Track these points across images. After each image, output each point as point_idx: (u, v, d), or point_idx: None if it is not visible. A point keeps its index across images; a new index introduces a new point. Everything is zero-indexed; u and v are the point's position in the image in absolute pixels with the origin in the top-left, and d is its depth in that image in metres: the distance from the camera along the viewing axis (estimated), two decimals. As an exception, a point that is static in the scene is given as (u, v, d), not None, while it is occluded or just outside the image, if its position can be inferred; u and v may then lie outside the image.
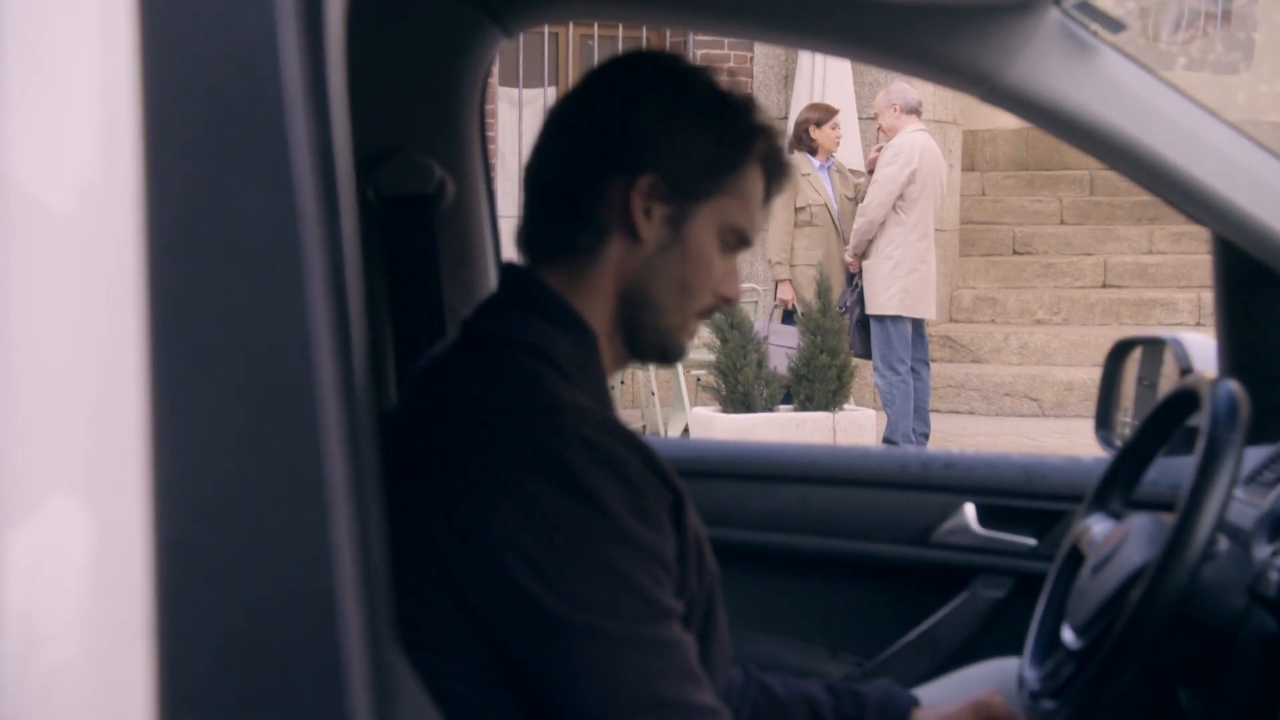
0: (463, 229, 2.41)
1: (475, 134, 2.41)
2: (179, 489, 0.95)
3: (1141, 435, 2.19)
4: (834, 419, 8.90)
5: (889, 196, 8.98)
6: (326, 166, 1.00)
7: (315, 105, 1.00)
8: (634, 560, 1.65)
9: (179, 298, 0.95)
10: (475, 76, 2.38)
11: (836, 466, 2.79)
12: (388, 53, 2.33)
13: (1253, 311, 2.43)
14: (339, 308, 0.99)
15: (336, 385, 0.98)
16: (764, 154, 1.90)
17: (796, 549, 2.79)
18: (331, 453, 0.97)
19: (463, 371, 1.81)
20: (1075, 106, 2.22)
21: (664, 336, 1.88)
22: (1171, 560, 1.81)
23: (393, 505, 1.73)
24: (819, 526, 2.77)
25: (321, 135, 1.01)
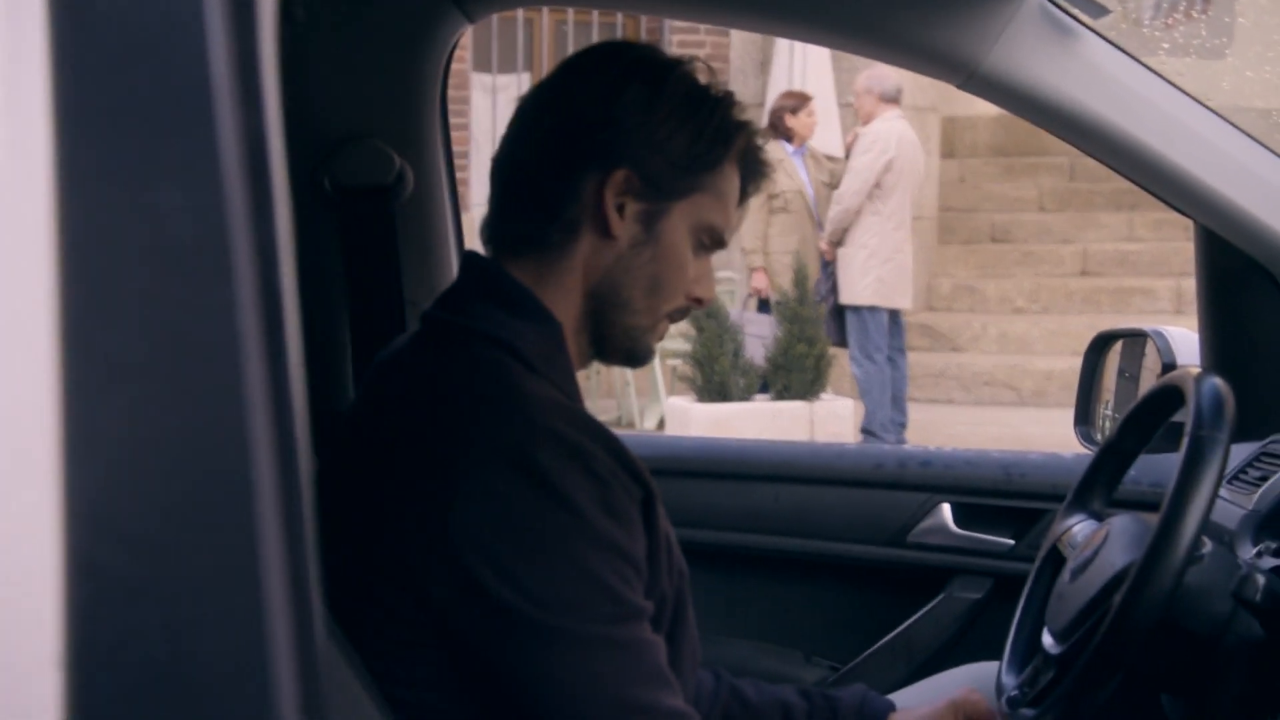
0: (423, 220, 2.35)
1: (436, 123, 2.35)
2: (93, 507, 0.88)
3: (1123, 433, 2.13)
4: (811, 408, 8.86)
5: (865, 185, 8.93)
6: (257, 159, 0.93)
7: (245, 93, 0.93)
8: (602, 559, 1.61)
9: (93, 301, 0.89)
10: (436, 63, 2.31)
11: (810, 465, 2.73)
12: (345, 38, 2.27)
13: (1237, 304, 2.38)
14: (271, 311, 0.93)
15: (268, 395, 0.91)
16: (743, 151, 1.86)
17: (769, 550, 2.72)
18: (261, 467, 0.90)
19: (423, 364, 1.76)
20: (1055, 93, 2.17)
21: (633, 337, 1.83)
22: (1154, 564, 1.75)
23: (352, 505, 1.69)
24: (792, 526, 2.71)
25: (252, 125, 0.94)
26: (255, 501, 0.90)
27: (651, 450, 2.76)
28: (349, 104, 2.29)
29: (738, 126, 1.84)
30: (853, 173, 9.08)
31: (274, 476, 0.91)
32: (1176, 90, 2.20)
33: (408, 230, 2.33)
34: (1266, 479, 2.17)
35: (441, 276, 2.33)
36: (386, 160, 2.27)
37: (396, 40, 2.28)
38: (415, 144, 2.32)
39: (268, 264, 0.94)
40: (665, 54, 1.86)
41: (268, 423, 0.91)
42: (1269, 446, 2.29)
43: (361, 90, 2.30)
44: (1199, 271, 2.43)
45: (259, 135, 0.95)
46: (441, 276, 2.33)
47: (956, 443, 9.59)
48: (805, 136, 9.59)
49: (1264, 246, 2.25)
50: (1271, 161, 2.22)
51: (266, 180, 0.94)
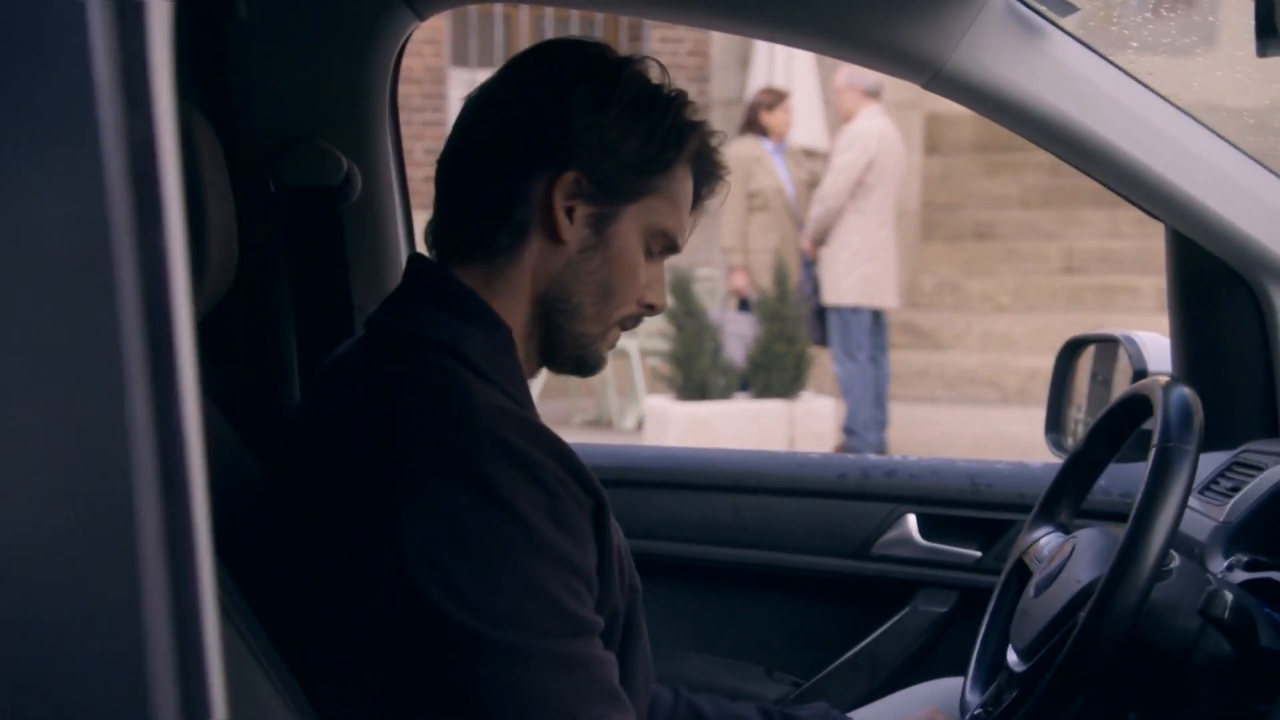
0: (372, 223, 2.29)
1: (386, 123, 2.29)
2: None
3: (1091, 443, 2.08)
4: (792, 408, 8.83)
5: (847, 184, 8.87)
6: (145, 168, 0.87)
7: (133, 98, 0.88)
8: (552, 572, 1.56)
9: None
10: (385, 61, 2.26)
11: (771, 475, 2.66)
12: (290, 36, 2.21)
13: (1209, 309, 2.33)
14: (158, 330, 0.87)
15: (154, 420, 0.86)
16: (696, 153, 1.80)
17: (729, 562, 2.66)
18: (145, 499, 0.85)
19: (368, 371, 1.71)
20: (1022, 93, 2.12)
21: (582, 344, 1.79)
22: (1120, 580, 1.71)
23: (295, 515, 1.65)
24: (753, 538, 2.64)
25: (140, 133, 0.88)
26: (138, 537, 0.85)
27: (609, 460, 2.70)
28: (294, 103, 2.24)
29: (691, 127, 1.78)
30: (834, 171, 9.02)
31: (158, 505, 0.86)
32: (1146, 90, 2.15)
33: (356, 233, 2.28)
34: (1238, 489, 2.13)
35: (391, 280, 2.28)
36: (333, 161, 2.21)
37: (343, 38, 2.23)
38: (363, 144, 2.26)
39: (155, 280, 0.88)
40: (616, 52, 1.81)
41: (152, 448, 0.86)
42: (1241, 456, 2.24)
43: (307, 89, 2.24)
44: (1170, 275, 2.39)
45: (147, 143, 0.89)
46: (391, 280, 2.28)
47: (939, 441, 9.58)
48: (782, 133, 9.53)
49: (1235, 250, 2.21)
50: (1243, 163, 2.17)
51: (155, 191, 0.89)
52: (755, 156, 9.31)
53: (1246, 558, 2.00)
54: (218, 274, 1.71)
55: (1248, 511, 2.06)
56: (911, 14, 2.09)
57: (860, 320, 8.99)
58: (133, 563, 0.84)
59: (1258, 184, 2.17)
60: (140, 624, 0.84)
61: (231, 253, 1.78)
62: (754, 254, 9.34)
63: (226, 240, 1.73)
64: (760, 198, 9.28)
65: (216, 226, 1.68)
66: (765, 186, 9.28)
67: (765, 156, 9.35)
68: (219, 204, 1.70)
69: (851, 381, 9.00)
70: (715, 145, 1.84)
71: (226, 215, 1.74)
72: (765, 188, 9.28)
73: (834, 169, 9.05)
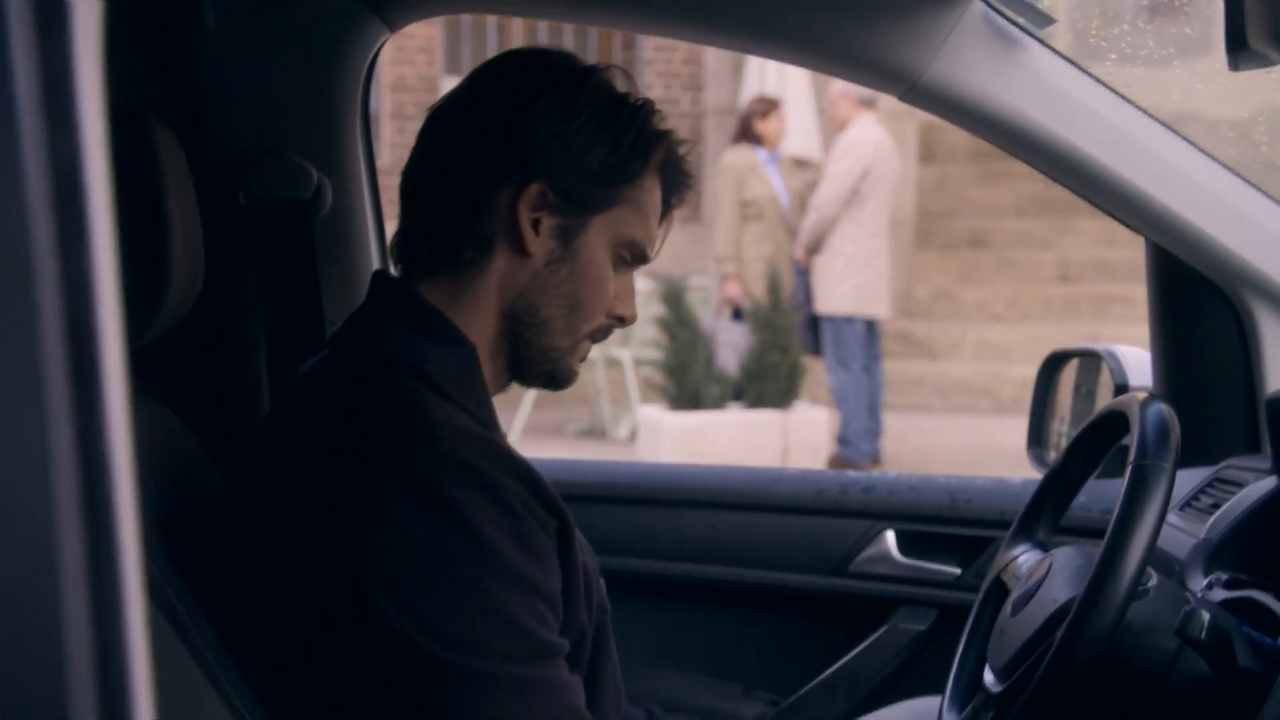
0: (343, 237, 2.26)
1: (357, 135, 2.26)
2: None
3: (1069, 459, 2.05)
4: (785, 418, 8.79)
5: (841, 192, 8.84)
6: (68, 187, 0.84)
7: (54, 113, 0.84)
8: (515, 595, 1.53)
9: None
10: (356, 72, 2.23)
11: (749, 491, 2.63)
12: (259, 46, 2.18)
13: (1189, 324, 2.31)
14: (82, 358, 0.84)
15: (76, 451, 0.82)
16: (664, 162, 1.78)
17: (706, 579, 2.63)
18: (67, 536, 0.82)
19: (328, 390, 1.69)
20: (999, 105, 2.10)
21: (552, 359, 1.77)
22: (1095, 599, 1.68)
23: (257, 535, 1.63)
24: (730, 555, 2.61)
25: (63, 150, 0.85)
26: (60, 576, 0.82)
27: (584, 476, 2.67)
28: (264, 115, 2.21)
29: (657, 136, 1.77)
30: (829, 180, 8.98)
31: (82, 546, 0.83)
32: (1125, 102, 2.13)
33: (327, 246, 2.25)
34: (1219, 506, 2.11)
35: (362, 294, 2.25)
36: (304, 173, 2.18)
37: (312, 49, 2.20)
38: (334, 156, 2.24)
39: (79, 305, 0.85)
40: (582, 61, 1.78)
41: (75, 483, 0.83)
42: (1222, 472, 2.22)
43: (277, 100, 2.21)
44: (1150, 289, 2.36)
45: (71, 161, 0.86)
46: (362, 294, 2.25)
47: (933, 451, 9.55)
48: (775, 142, 9.50)
49: (1215, 264, 2.18)
50: (1223, 176, 2.15)
51: (79, 212, 0.86)
52: (750, 165, 9.28)
53: (1226, 576, 1.98)
54: (183, 287, 1.68)
55: (1228, 529, 2.04)
56: (888, 25, 2.07)
57: (854, 330, 8.95)
58: (54, 600, 0.81)
59: (1237, 197, 2.15)
60: (62, 663, 0.82)
61: (197, 266, 1.75)
62: (748, 263, 9.31)
63: (192, 253, 1.71)
64: (754, 206, 9.25)
65: (181, 239, 1.65)
66: (759, 195, 9.26)
67: (760, 165, 9.32)
68: (183, 216, 1.67)
69: (845, 391, 8.97)
70: (683, 154, 1.81)
71: (192, 228, 1.72)
72: (759, 197, 9.25)
73: (829, 177, 9.01)
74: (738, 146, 9.43)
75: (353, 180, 2.26)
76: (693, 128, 12.20)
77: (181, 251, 1.66)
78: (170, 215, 1.63)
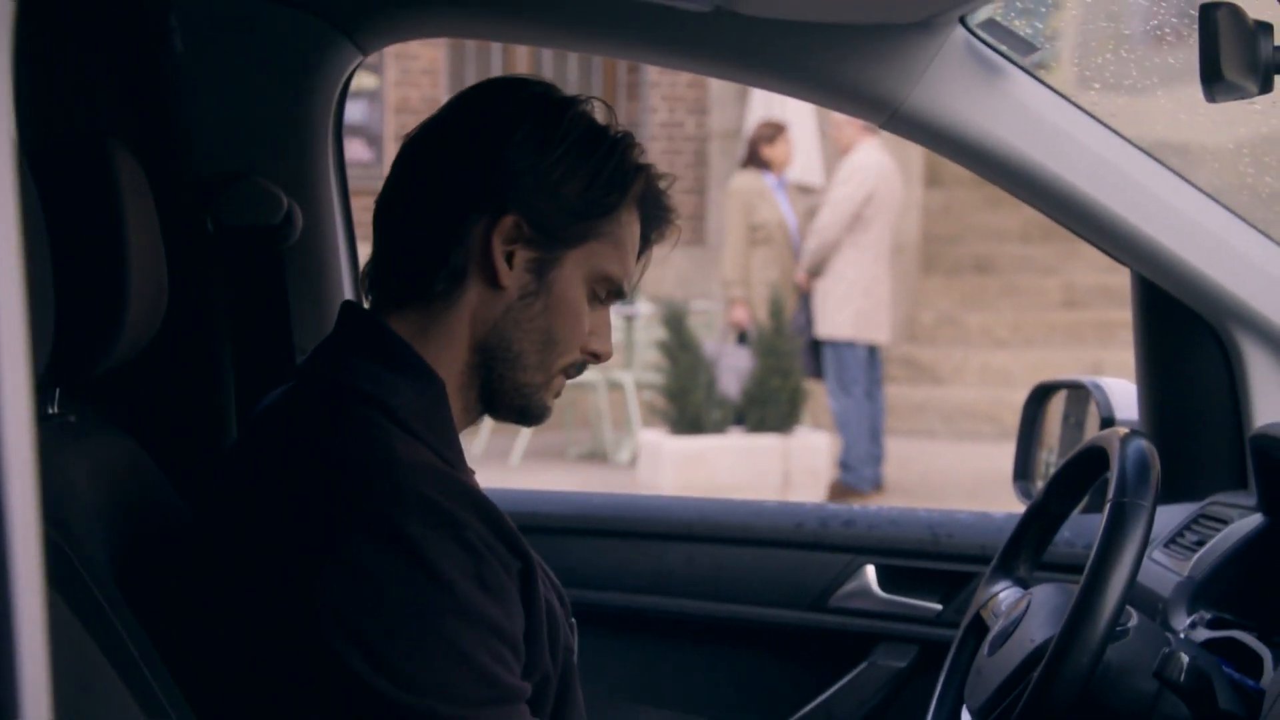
0: (315, 265, 2.23)
1: (329, 160, 2.23)
2: None
3: (1049, 495, 2.02)
4: (786, 442, 8.75)
5: (844, 217, 8.81)
6: None
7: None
8: (475, 637, 1.50)
9: None
10: (327, 96, 2.20)
11: (726, 523, 2.59)
12: (228, 71, 2.16)
13: (1175, 358, 2.28)
14: None
15: None
16: (642, 196, 1.74)
17: (682, 613, 2.58)
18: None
19: (291, 422, 1.66)
20: (981, 133, 2.08)
21: (524, 394, 1.72)
22: (1071, 641, 1.65)
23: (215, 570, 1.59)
24: (707, 589, 2.56)
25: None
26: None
27: (558, 507, 2.64)
28: (232, 139, 2.18)
29: (636, 169, 1.73)
30: (831, 204, 8.96)
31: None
32: (1109, 131, 2.10)
33: (297, 273, 2.22)
34: (1203, 543, 2.07)
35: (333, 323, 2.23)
36: (273, 199, 2.15)
37: (283, 72, 2.17)
38: (305, 182, 2.21)
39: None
40: (562, 92, 1.75)
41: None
42: (1207, 508, 2.18)
43: (246, 125, 2.18)
44: (1135, 322, 2.33)
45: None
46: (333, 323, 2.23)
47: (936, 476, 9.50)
48: (783, 166, 9.48)
49: (1201, 296, 2.15)
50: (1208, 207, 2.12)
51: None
52: (758, 190, 9.26)
53: (1210, 615, 1.95)
54: (142, 314, 1.66)
55: (1212, 567, 2.01)
56: (869, 53, 2.04)
57: (855, 355, 8.92)
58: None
59: (1223, 228, 2.12)
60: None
61: (159, 292, 1.72)
62: (755, 287, 9.29)
63: (152, 280, 1.68)
64: (763, 231, 9.22)
65: (139, 265, 1.63)
66: (768, 220, 9.22)
67: (768, 190, 9.29)
68: (143, 242, 1.65)
69: (847, 416, 8.93)
70: (663, 188, 1.78)
71: (152, 254, 1.69)
72: (768, 221, 9.22)
73: (831, 201, 8.98)
74: (745, 171, 9.41)
75: (324, 206, 2.23)
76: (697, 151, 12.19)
77: (140, 277, 1.63)
78: (128, 241, 1.60)
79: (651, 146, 12.11)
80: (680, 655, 2.60)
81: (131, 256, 1.61)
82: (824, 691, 2.53)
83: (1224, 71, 1.43)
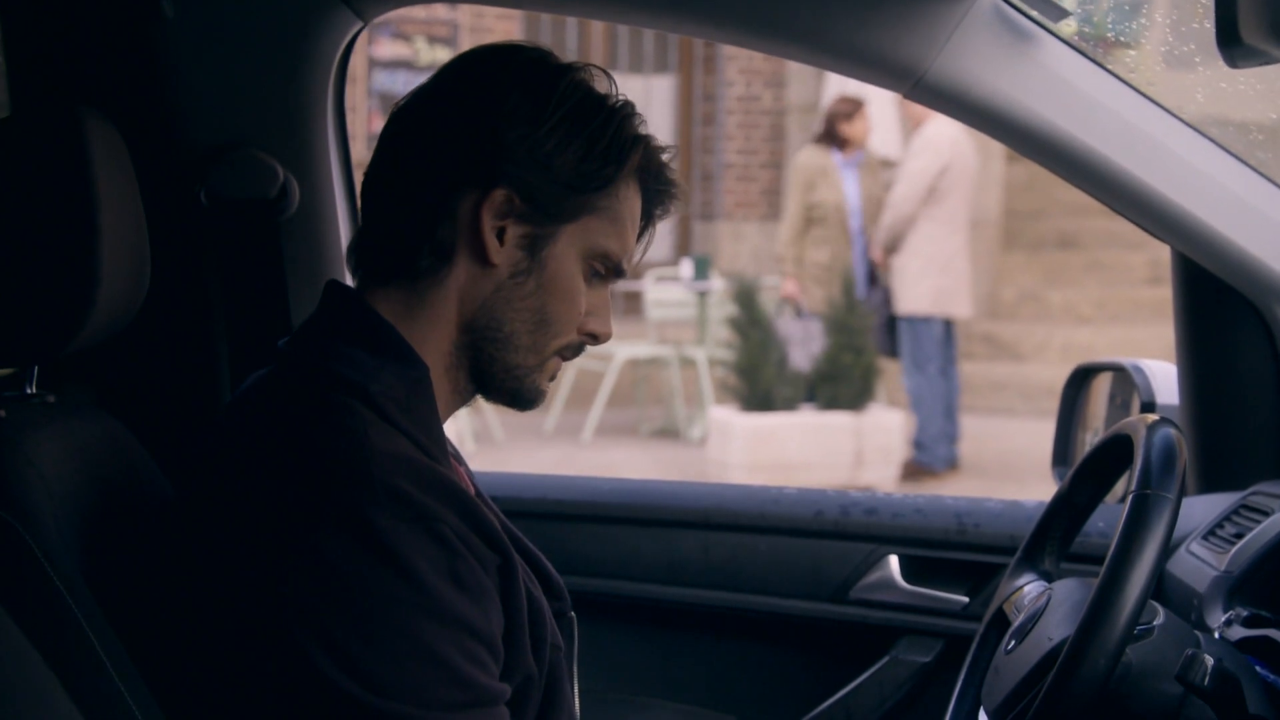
0: (312, 238, 2.16)
1: (328, 132, 2.16)
2: None
3: (1075, 485, 1.92)
4: (859, 420, 8.64)
5: (918, 191, 8.67)
6: None
7: None
8: (446, 636, 1.43)
9: None
10: (325, 66, 2.13)
11: (743, 511, 2.49)
12: (220, 37, 2.09)
13: (1217, 339, 2.17)
14: None
15: None
16: (642, 167, 1.66)
17: (698, 604, 2.49)
18: None
19: (265, 409, 1.59)
20: (1010, 103, 1.98)
21: (516, 377, 1.65)
22: (1088, 641, 1.57)
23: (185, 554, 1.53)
24: (723, 579, 2.47)
25: None
26: None
27: (569, 493, 2.56)
28: (226, 109, 2.11)
29: (634, 140, 1.64)
30: (905, 178, 8.81)
31: None
32: (1146, 100, 1.99)
33: (294, 248, 2.15)
34: (1243, 535, 1.97)
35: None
36: (268, 171, 2.09)
37: (277, 40, 2.10)
38: (301, 154, 2.14)
39: None
40: (558, 59, 1.66)
41: None
42: (1249, 499, 2.08)
43: (239, 94, 2.12)
44: (1176, 301, 2.23)
45: None
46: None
47: (1012, 455, 9.36)
48: (860, 144, 9.33)
49: (1243, 274, 2.05)
50: (1251, 180, 2.00)
51: None
52: (820, 168, 9.13)
53: (1246, 612, 1.85)
54: (118, 291, 1.60)
55: (1250, 561, 1.91)
56: (891, 19, 1.95)
57: (931, 331, 8.78)
58: None
59: (1266, 202, 2.01)
60: None
61: (139, 267, 1.67)
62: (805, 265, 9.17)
63: (128, 254, 1.62)
64: (819, 210, 9.10)
65: (112, 239, 1.57)
66: (825, 200, 9.10)
67: (832, 169, 9.16)
68: (118, 214, 1.59)
69: (921, 394, 8.80)
70: (665, 160, 1.69)
71: (129, 227, 1.63)
72: (824, 201, 9.10)
73: (906, 175, 8.84)
74: (814, 147, 9.29)
75: (322, 179, 2.16)
76: (774, 125, 12.06)
77: (113, 251, 1.57)
78: (100, 213, 1.55)
79: (728, 120, 12.05)
80: (695, 647, 2.52)
81: (104, 229, 1.56)
82: (844, 687, 2.44)
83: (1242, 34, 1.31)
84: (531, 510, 2.45)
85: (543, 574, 1.75)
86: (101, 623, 1.48)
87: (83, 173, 1.54)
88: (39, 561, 1.45)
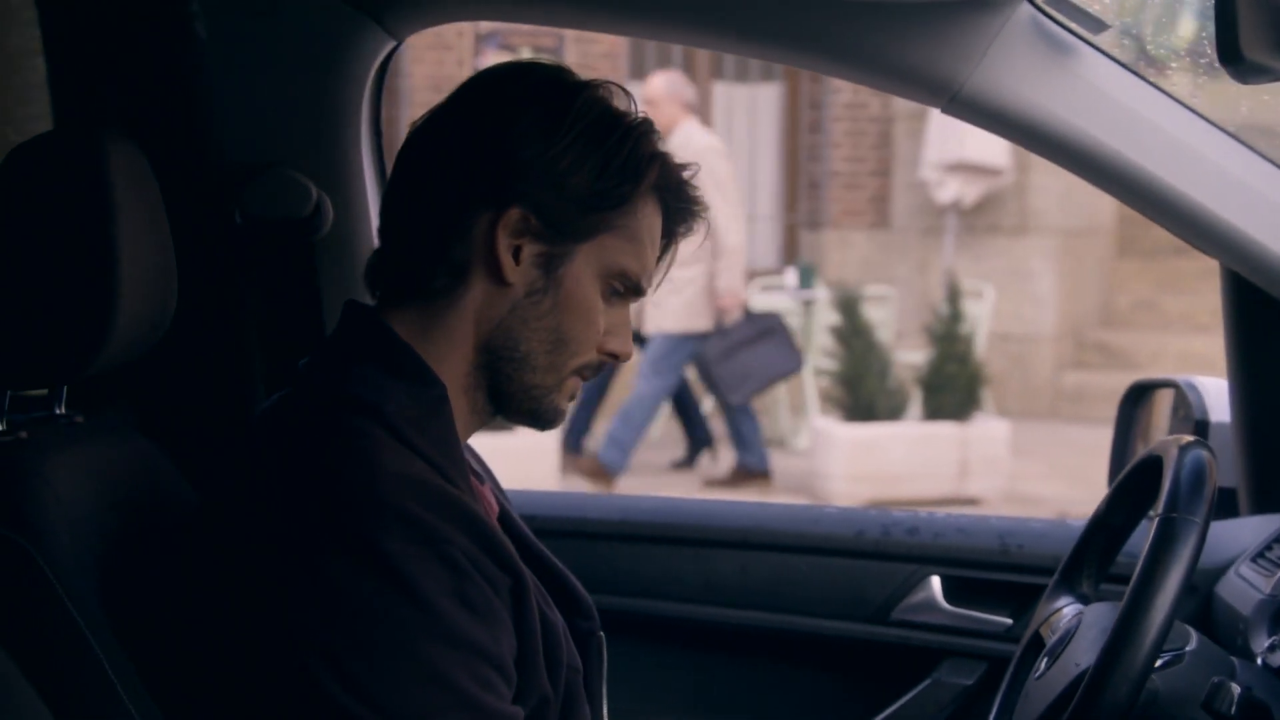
0: (347, 258, 2.18)
1: (362, 151, 2.17)
2: None
3: (1112, 506, 1.88)
4: (965, 430, 8.54)
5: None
6: None
7: None
8: (454, 658, 1.43)
9: None
10: (358, 84, 2.14)
11: (782, 530, 2.46)
12: (253, 57, 2.11)
13: (1267, 354, 2.12)
14: None
15: None
16: (661, 185, 1.65)
17: (735, 624, 2.46)
18: None
19: (282, 430, 1.60)
20: (1049, 116, 1.94)
21: (534, 397, 1.65)
22: (1110, 668, 1.54)
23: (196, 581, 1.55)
24: (761, 599, 2.44)
25: None
26: None
27: (604, 512, 2.54)
28: (259, 129, 2.14)
29: (650, 158, 1.64)
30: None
31: None
32: (1189, 112, 1.94)
33: (329, 267, 2.17)
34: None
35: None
36: (301, 190, 2.11)
37: (310, 60, 2.12)
38: (336, 173, 2.16)
39: None
40: (574, 76, 1.66)
41: None
42: (1300, 521, 2.02)
43: (272, 114, 2.14)
44: (1225, 317, 2.18)
45: None
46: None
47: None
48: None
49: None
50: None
51: None
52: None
53: (1292, 637, 1.79)
54: (139, 310, 1.61)
55: (1297, 585, 1.85)
56: (927, 32, 1.92)
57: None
58: None
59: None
60: None
61: (165, 287, 1.68)
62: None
63: (150, 274, 1.64)
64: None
65: (132, 259, 1.58)
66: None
67: None
68: (139, 234, 1.60)
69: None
70: (685, 177, 1.68)
71: (152, 246, 1.65)
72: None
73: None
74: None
75: (356, 198, 2.18)
76: (882, 133, 11.95)
77: (133, 271, 1.59)
78: (119, 234, 1.57)
79: (835, 128, 11.96)
80: (732, 669, 2.49)
81: (123, 249, 1.57)
82: (884, 710, 2.39)
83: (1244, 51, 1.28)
84: (564, 529, 2.44)
85: (570, 593, 1.74)
86: (112, 643, 1.50)
87: (101, 194, 1.56)
88: (50, 584, 1.47)
